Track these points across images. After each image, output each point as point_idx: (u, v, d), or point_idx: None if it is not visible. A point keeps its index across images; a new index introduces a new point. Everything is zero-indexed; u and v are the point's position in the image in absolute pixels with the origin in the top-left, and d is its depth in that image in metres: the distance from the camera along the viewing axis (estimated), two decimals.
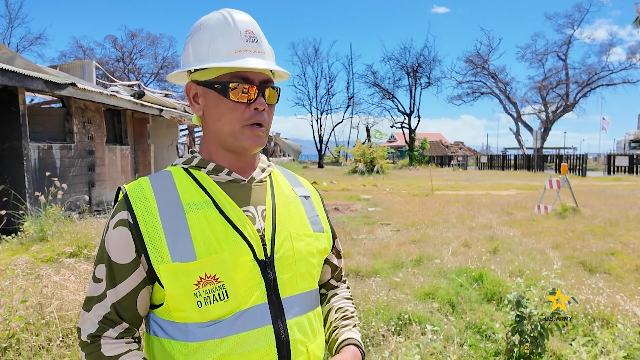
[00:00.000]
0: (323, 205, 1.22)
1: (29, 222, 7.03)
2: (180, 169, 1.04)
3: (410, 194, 15.42)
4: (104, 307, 0.95)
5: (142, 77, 48.90)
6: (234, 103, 0.98)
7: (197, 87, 1.02)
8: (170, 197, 0.97)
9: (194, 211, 0.96)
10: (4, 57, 8.73)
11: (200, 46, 1.00)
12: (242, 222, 0.98)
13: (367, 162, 29.29)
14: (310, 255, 1.07)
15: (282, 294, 1.00)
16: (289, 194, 1.12)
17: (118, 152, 12.51)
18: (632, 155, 27.84)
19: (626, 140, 38.90)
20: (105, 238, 0.97)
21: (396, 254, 6.18)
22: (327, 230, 1.16)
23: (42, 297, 3.50)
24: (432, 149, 55.03)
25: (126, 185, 1.00)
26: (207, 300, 0.92)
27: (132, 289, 0.95)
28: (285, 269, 1.01)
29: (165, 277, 0.92)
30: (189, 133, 19.44)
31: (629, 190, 15.60)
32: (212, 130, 1.03)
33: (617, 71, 43.38)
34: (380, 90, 50.13)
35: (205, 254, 0.93)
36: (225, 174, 1.02)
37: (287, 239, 1.03)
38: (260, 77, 1.00)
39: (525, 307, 3.15)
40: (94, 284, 0.97)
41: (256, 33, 1.01)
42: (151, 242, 0.93)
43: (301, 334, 1.01)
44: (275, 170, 1.17)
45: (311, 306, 1.08)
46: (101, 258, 0.97)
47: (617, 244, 6.71)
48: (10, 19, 43.53)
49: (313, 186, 1.25)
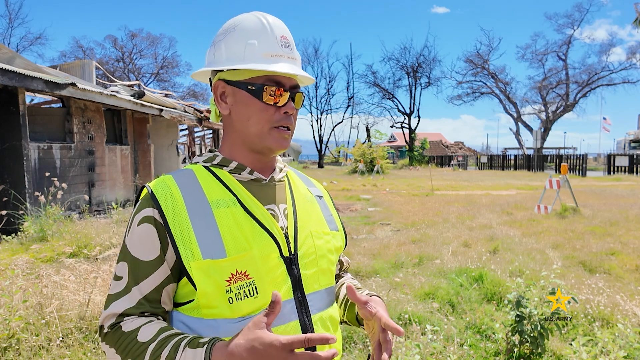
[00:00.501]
0: (333, 204, 1.25)
1: (29, 222, 7.03)
2: (201, 167, 1.05)
3: (410, 194, 15.42)
4: (129, 302, 0.94)
5: (142, 77, 48.92)
6: (264, 105, 1.00)
7: (226, 86, 1.04)
8: (196, 195, 0.98)
9: (221, 209, 0.98)
10: (4, 57, 8.73)
11: (235, 47, 1.01)
12: (268, 220, 1.00)
13: (367, 162, 29.30)
14: (329, 252, 1.10)
15: (306, 290, 1.02)
16: (305, 193, 1.15)
17: (118, 152, 12.51)
18: (632, 155, 27.85)
19: (626, 140, 38.91)
20: (128, 236, 0.98)
21: (396, 254, 6.18)
22: (340, 229, 1.20)
23: (42, 297, 3.50)
24: (432, 149, 55.04)
25: (151, 184, 1.01)
26: (238, 297, 0.93)
27: (157, 285, 0.95)
28: (308, 266, 1.03)
29: (197, 274, 0.92)
30: (189, 133, 19.43)
31: (629, 190, 15.60)
32: (238, 130, 1.05)
33: (617, 71, 43.43)
34: (380, 90, 50.17)
35: (235, 251, 0.94)
36: (247, 173, 1.05)
37: (308, 237, 1.06)
38: (291, 82, 1.03)
39: (525, 307, 3.15)
40: (114, 282, 0.97)
41: (289, 39, 1.05)
42: (181, 240, 0.93)
43: (324, 328, 1.04)
44: (290, 170, 1.20)
45: (331, 301, 1.10)
46: (123, 256, 0.97)
47: (617, 244, 6.71)
48: (10, 19, 43.56)
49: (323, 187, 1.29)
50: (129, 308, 0.94)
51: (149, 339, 0.88)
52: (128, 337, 0.91)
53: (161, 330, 0.90)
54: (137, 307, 0.94)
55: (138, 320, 0.93)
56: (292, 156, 49.11)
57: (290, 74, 1.01)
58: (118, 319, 0.94)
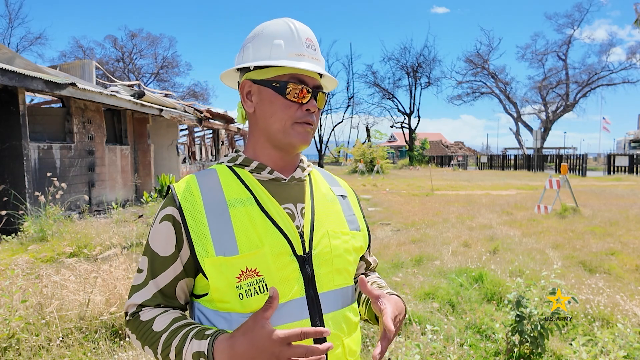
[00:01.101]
0: (359, 204, 1.26)
1: (29, 222, 7.03)
2: (225, 167, 1.10)
3: (410, 193, 15.42)
4: (146, 295, 1.03)
5: (142, 77, 48.90)
6: (288, 102, 1.04)
7: (252, 85, 1.08)
8: (215, 194, 1.03)
9: (237, 208, 1.01)
10: (4, 57, 8.73)
11: (262, 47, 1.06)
12: (282, 219, 1.03)
13: (367, 162, 29.30)
14: (346, 252, 1.10)
15: (319, 289, 1.03)
16: (327, 193, 1.16)
17: (118, 152, 12.51)
18: (632, 155, 27.86)
19: (626, 140, 38.94)
20: (151, 231, 1.05)
21: (396, 254, 6.18)
22: (363, 229, 1.20)
23: (42, 297, 3.50)
24: (432, 149, 55.06)
25: (175, 184, 1.07)
26: (248, 293, 0.97)
27: (171, 279, 1.02)
28: (322, 265, 1.05)
29: (209, 270, 0.97)
30: (189, 133, 19.43)
31: (629, 190, 15.60)
32: (262, 127, 1.08)
33: (617, 71, 43.41)
34: (380, 90, 50.17)
35: (247, 249, 0.97)
36: (267, 172, 1.08)
37: (324, 236, 1.07)
38: (314, 82, 1.07)
39: (525, 307, 3.15)
40: (137, 274, 1.05)
41: (314, 42, 1.10)
42: (197, 238, 0.98)
43: (337, 329, 1.04)
44: (314, 170, 1.22)
45: (347, 302, 1.10)
46: (145, 250, 1.05)
47: (617, 244, 6.71)
48: (10, 19, 43.54)
49: (350, 187, 1.30)
50: (145, 300, 1.03)
51: (162, 329, 0.97)
52: (145, 325, 1.00)
53: (174, 320, 0.98)
54: (152, 299, 1.03)
55: (154, 311, 1.02)
56: None
57: (313, 73, 1.05)
58: (138, 309, 1.04)
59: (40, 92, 8.52)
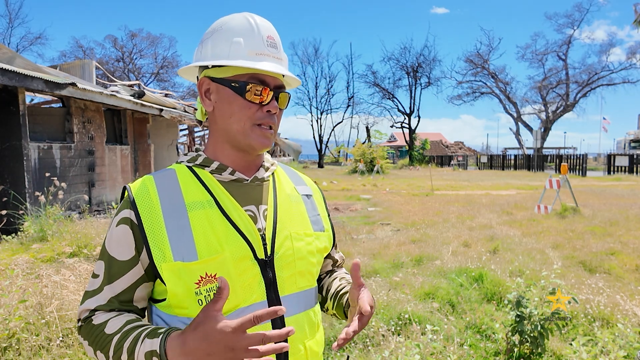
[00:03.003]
0: (324, 203, 1.23)
1: (29, 222, 7.03)
2: (184, 167, 1.06)
3: (410, 193, 15.42)
4: (100, 300, 0.98)
5: (142, 77, 48.90)
6: (247, 102, 1.00)
7: (210, 83, 1.04)
8: (174, 196, 0.99)
9: (197, 211, 0.97)
10: (4, 57, 8.73)
11: (221, 44, 1.02)
12: (243, 222, 1.00)
13: (367, 162, 29.29)
14: (310, 254, 1.08)
15: (281, 293, 1.01)
16: (290, 193, 1.13)
17: (118, 152, 12.51)
18: (632, 155, 27.85)
19: (626, 140, 38.95)
20: (108, 235, 1.00)
21: (396, 254, 6.18)
22: (327, 229, 1.18)
23: (42, 297, 3.50)
24: (432, 149, 55.04)
25: (131, 184, 1.02)
26: (207, 299, 0.94)
27: (130, 284, 0.98)
28: (284, 268, 1.02)
29: (167, 275, 0.94)
30: (189, 133, 19.44)
31: (629, 190, 15.60)
32: (221, 127, 1.04)
33: (617, 71, 43.39)
34: (380, 90, 50.15)
35: (206, 254, 0.94)
36: (228, 174, 1.04)
37: (287, 239, 1.04)
38: (275, 82, 1.03)
39: (525, 307, 3.15)
40: (92, 279, 1.01)
41: (276, 39, 1.05)
42: (154, 241, 0.94)
43: (299, 332, 1.03)
44: (279, 168, 1.18)
45: (310, 304, 1.09)
46: (101, 255, 1.00)
47: (617, 244, 6.71)
48: (10, 18, 43.54)
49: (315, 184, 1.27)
50: (100, 305, 0.98)
51: (115, 331, 0.92)
52: (97, 329, 0.95)
53: (127, 322, 0.93)
54: (107, 304, 0.98)
55: (107, 314, 0.97)
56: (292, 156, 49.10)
57: (274, 73, 1.01)
58: (90, 313, 0.99)
59: (40, 92, 8.51)
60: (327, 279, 1.26)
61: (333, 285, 1.21)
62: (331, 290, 1.20)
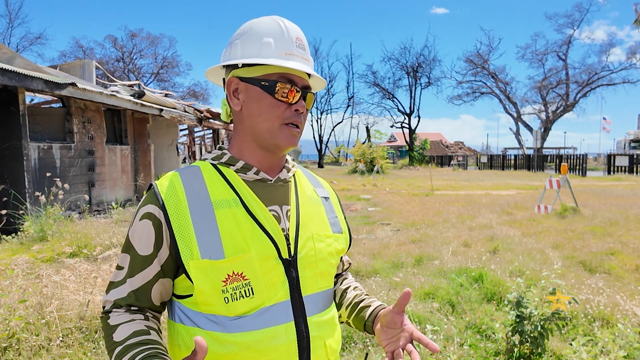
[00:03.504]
0: (340, 206, 1.25)
1: (29, 222, 7.03)
2: (209, 165, 1.07)
3: (410, 193, 15.42)
4: (121, 293, 1.01)
5: (142, 77, 48.89)
6: (277, 101, 1.02)
7: (239, 82, 1.05)
8: (200, 194, 1.00)
9: (223, 209, 0.99)
10: (4, 57, 8.73)
11: (251, 45, 1.03)
12: (269, 221, 1.01)
13: (367, 162, 29.29)
14: (330, 255, 1.10)
15: (303, 292, 1.03)
16: (311, 195, 1.15)
17: (118, 152, 12.51)
18: (632, 155, 27.86)
19: (626, 140, 38.96)
20: (131, 228, 1.02)
21: (396, 254, 6.18)
22: (345, 231, 1.20)
23: (42, 297, 3.50)
24: (432, 149, 55.05)
25: (157, 182, 1.03)
26: (233, 297, 0.95)
27: (147, 280, 1.00)
28: (307, 268, 1.04)
29: (194, 273, 0.95)
30: (189, 133, 19.43)
31: (629, 190, 15.60)
32: (248, 126, 1.06)
33: (617, 71, 43.40)
34: (380, 90, 50.17)
35: (233, 253, 0.96)
36: (253, 173, 1.05)
37: (309, 239, 1.06)
38: (303, 82, 1.05)
39: (526, 307, 3.15)
40: (116, 270, 1.03)
41: (304, 42, 1.07)
42: (182, 238, 0.95)
43: (320, 331, 1.05)
44: (299, 170, 1.20)
45: (328, 303, 1.11)
46: (125, 247, 1.02)
47: (617, 244, 6.71)
48: (10, 18, 43.54)
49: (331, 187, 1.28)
50: (119, 298, 1.01)
51: (120, 341, 0.95)
52: (109, 330, 0.98)
53: (133, 334, 0.95)
54: (126, 298, 1.00)
55: (122, 317, 1.00)
56: (292, 156, 48.93)
57: (303, 72, 1.03)
58: (111, 307, 1.02)
59: (40, 92, 8.51)
60: (338, 286, 1.28)
61: (348, 294, 1.23)
62: (347, 299, 1.22)
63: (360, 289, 1.26)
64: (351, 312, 1.19)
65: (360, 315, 1.17)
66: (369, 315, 1.15)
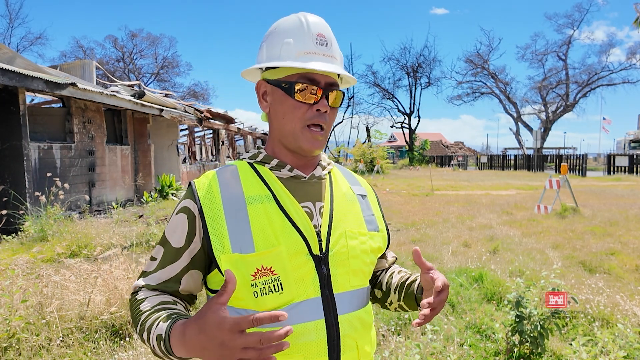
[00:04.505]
0: (379, 204, 1.24)
1: (30, 222, 7.03)
2: (245, 164, 1.10)
3: (410, 193, 15.42)
4: (152, 280, 1.03)
5: (142, 77, 48.89)
6: (297, 102, 1.02)
7: (266, 85, 1.07)
8: (234, 190, 1.02)
9: (255, 205, 1.00)
10: (4, 57, 8.73)
11: (273, 46, 1.04)
12: (300, 217, 1.01)
13: (367, 162, 29.30)
14: (364, 253, 1.08)
15: (335, 290, 1.02)
16: (346, 192, 1.14)
17: (118, 152, 12.51)
18: (632, 155, 27.86)
19: (626, 140, 38.94)
20: (169, 222, 1.05)
21: (396, 254, 6.18)
22: (382, 229, 1.18)
23: (42, 297, 3.50)
24: (432, 149, 55.06)
25: (196, 180, 1.06)
26: (262, 291, 0.96)
27: (179, 270, 1.02)
28: (338, 265, 1.03)
29: (225, 266, 0.96)
30: (189, 133, 19.43)
31: (629, 190, 15.60)
32: (276, 128, 1.08)
33: (617, 71, 43.39)
34: (380, 90, 50.16)
35: (263, 247, 0.96)
36: (287, 170, 1.07)
37: (342, 236, 1.05)
38: (327, 80, 1.03)
39: (525, 307, 3.16)
40: (149, 261, 1.06)
41: (327, 37, 1.05)
42: (215, 233, 0.97)
43: (351, 330, 1.03)
44: (335, 168, 1.20)
45: (362, 303, 1.09)
46: (161, 240, 1.05)
47: (617, 244, 6.71)
48: (11, 19, 43.55)
49: (370, 186, 1.27)
50: (148, 284, 1.03)
51: (147, 309, 0.96)
52: (136, 302, 1.00)
53: (160, 303, 0.97)
54: (155, 286, 1.03)
55: (150, 292, 1.02)
56: None
57: (319, 71, 1.01)
58: (138, 289, 1.05)
59: (40, 92, 8.52)
60: (383, 275, 1.26)
61: (394, 279, 1.21)
62: (393, 283, 1.20)
63: (405, 271, 1.23)
64: (400, 293, 1.17)
65: (409, 292, 1.14)
66: (416, 288, 1.12)
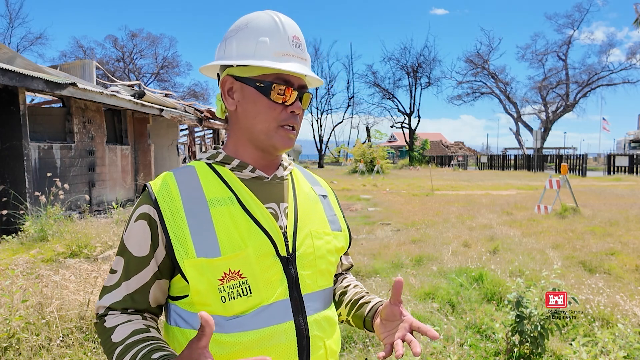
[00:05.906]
0: (339, 204, 1.23)
1: (30, 222, 7.03)
2: (204, 164, 1.05)
3: (410, 194, 15.42)
4: (116, 297, 0.98)
5: (142, 77, 48.89)
6: (272, 103, 1.00)
7: (234, 82, 1.03)
8: (195, 193, 0.98)
9: (218, 207, 0.97)
10: (4, 57, 8.73)
11: (246, 43, 1.01)
12: (265, 219, 0.99)
13: (367, 162, 29.30)
14: (329, 253, 1.08)
15: (303, 291, 1.01)
16: (309, 192, 1.13)
17: (118, 152, 12.51)
18: (632, 155, 27.86)
19: (626, 140, 38.91)
20: (126, 231, 1.00)
21: (396, 254, 6.18)
22: (344, 229, 1.18)
23: (42, 297, 3.50)
24: (432, 149, 55.05)
25: (152, 182, 1.01)
26: (230, 296, 0.93)
27: (145, 282, 0.97)
28: (306, 266, 1.02)
29: (190, 272, 0.93)
30: (189, 133, 19.42)
31: (629, 190, 15.59)
32: (244, 127, 1.04)
33: (617, 71, 43.41)
34: (380, 90, 50.21)
35: (229, 250, 0.94)
36: (249, 171, 1.04)
37: (307, 237, 1.04)
38: (300, 82, 1.03)
39: (526, 307, 3.16)
40: (110, 275, 1.00)
41: (301, 40, 1.04)
42: (177, 238, 0.94)
43: (320, 330, 1.03)
44: (295, 169, 1.18)
45: (328, 303, 1.09)
46: (120, 250, 1.00)
47: (617, 244, 6.71)
48: (11, 18, 43.57)
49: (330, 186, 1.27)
50: (114, 302, 0.98)
51: (119, 341, 0.92)
52: (106, 333, 0.95)
53: (133, 332, 0.93)
54: (122, 302, 0.98)
55: (119, 318, 0.97)
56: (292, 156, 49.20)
57: (300, 74, 1.01)
58: (105, 311, 0.99)
59: (40, 92, 8.52)
60: (338, 284, 1.26)
61: (348, 293, 1.21)
62: (347, 296, 1.20)
63: (360, 287, 1.23)
64: (351, 310, 1.17)
65: (360, 312, 1.15)
66: (368, 311, 1.12)
